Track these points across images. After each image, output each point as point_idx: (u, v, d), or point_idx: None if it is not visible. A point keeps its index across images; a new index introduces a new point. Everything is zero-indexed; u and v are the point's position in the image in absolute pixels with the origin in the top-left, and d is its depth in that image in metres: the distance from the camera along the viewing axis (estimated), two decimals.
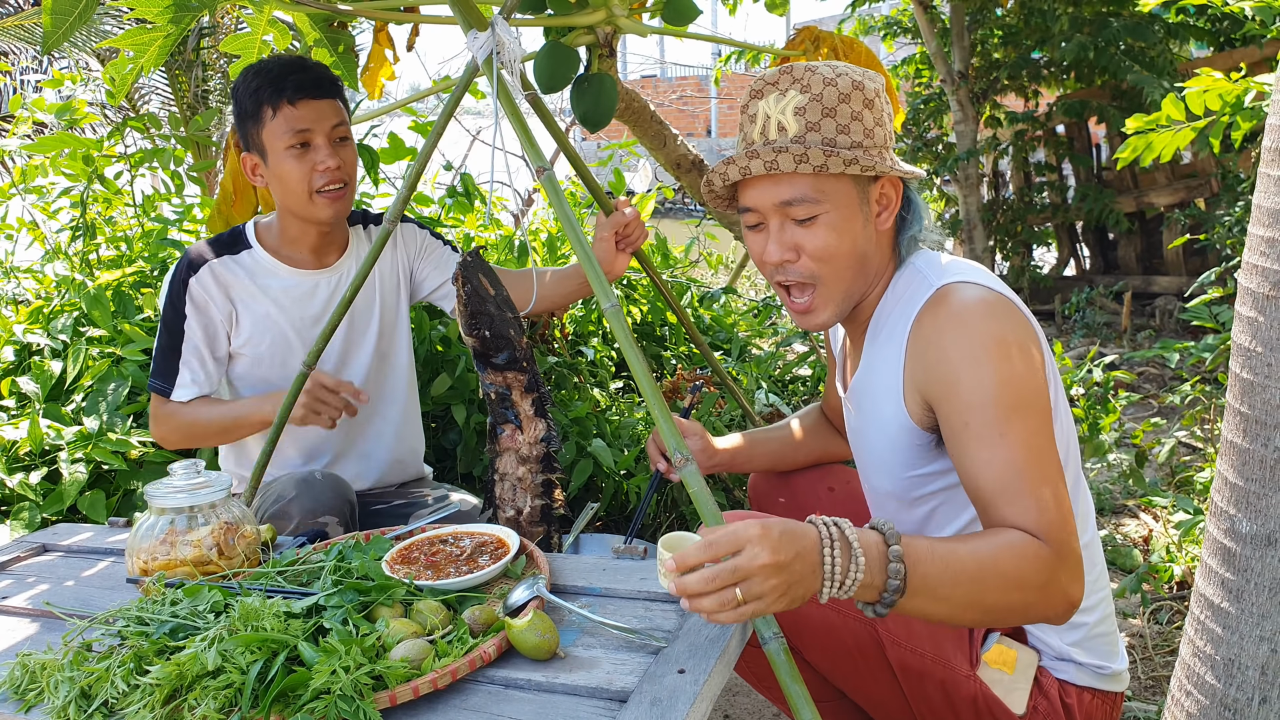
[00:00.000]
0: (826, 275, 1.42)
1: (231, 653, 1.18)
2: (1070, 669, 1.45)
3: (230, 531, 1.51)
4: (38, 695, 1.24)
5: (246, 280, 2.05)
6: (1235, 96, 2.56)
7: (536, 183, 5.52)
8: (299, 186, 1.97)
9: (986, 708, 1.40)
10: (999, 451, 1.26)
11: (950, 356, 1.33)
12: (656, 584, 1.43)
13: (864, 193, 1.41)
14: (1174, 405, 3.70)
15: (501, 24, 1.67)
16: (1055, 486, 1.24)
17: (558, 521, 1.79)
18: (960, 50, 5.69)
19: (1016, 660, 1.42)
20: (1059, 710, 1.42)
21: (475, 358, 1.74)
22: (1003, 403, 1.28)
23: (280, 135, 1.95)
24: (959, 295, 1.37)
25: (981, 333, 1.32)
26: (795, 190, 1.37)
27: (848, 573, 1.10)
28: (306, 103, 1.95)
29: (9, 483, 2.23)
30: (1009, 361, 1.30)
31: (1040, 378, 1.32)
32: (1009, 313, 1.36)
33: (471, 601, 1.37)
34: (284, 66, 1.96)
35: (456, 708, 1.18)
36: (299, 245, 2.08)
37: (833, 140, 1.37)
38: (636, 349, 1.44)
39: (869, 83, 1.40)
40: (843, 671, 1.46)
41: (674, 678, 1.18)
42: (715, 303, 3.89)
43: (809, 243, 1.40)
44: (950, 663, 1.41)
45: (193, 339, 2.01)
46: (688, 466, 1.37)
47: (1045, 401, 1.31)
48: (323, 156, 1.96)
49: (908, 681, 1.42)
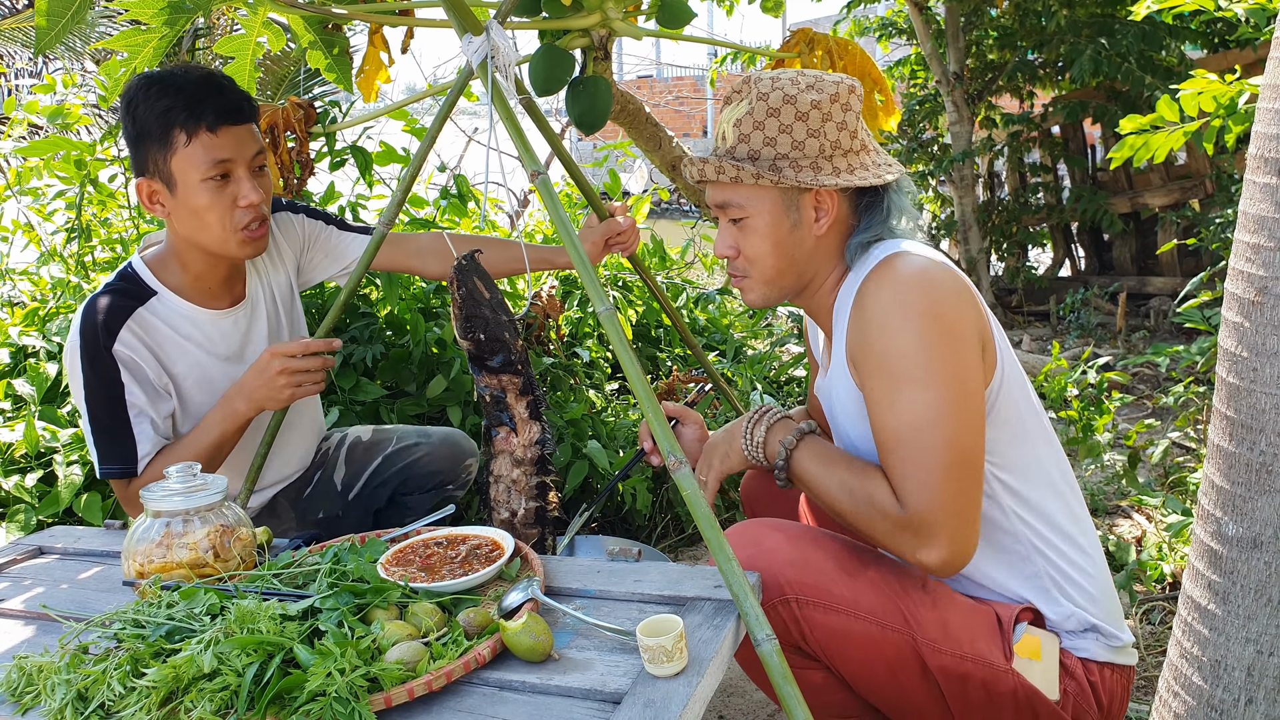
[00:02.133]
0: (754, 271, 1.55)
1: (227, 655, 1.18)
2: (1089, 643, 1.50)
3: (226, 534, 1.52)
4: (34, 698, 1.25)
5: (168, 331, 1.87)
6: (1229, 99, 2.57)
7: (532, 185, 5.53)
8: (217, 224, 1.79)
9: (1026, 700, 1.44)
10: (887, 418, 1.39)
11: (869, 319, 1.42)
12: (651, 586, 1.43)
13: (792, 200, 1.50)
14: (1167, 406, 3.72)
15: (496, 28, 1.68)
16: (934, 464, 1.34)
17: (552, 524, 1.80)
18: (955, 51, 5.71)
19: (1041, 646, 1.47)
20: (1086, 689, 1.48)
21: (470, 360, 1.75)
22: (900, 372, 1.37)
23: (197, 165, 1.75)
24: (898, 263, 1.45)
25: (903, 301, 1.40)
26: (724, 195, 1.52)
27: (753, 437, 1.54)
28: (229, 130, 1.76)
29: (4, 485, 2.24)
30: (922, 334, 1.37)
31: (960, 359, 1.37)
32: (943, 287, 1.41)
33: (466, 604, 1.37)
34: (199, 85, 1.75)
35: (451, 710, 1.19)
36: (206, 279, 1.90)
37: (757, 153, 1.48)
38: (631, 352, 1.45)
39: (809, 94, 1.45)
40: (882, 685, 1.45)
41: (667, 679, 1.19)
42: (710, 304, 3.89)
43: (741, 242, 1.54)
44: (989, 660, 1.44)
45: (136, 405, 1.82)
46: (681, 470, 1.38)
47: (957, 382, 1.36)
48: (246, 190, 1.78)
49: (950, 686, 1.43)
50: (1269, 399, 1.03)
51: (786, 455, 1.51)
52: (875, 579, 1.44)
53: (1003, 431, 1.47)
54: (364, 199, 3.23)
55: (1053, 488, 1.52)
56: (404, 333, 2.98)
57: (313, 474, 2.22)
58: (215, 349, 1.94)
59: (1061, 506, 1.52)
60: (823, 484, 1.47)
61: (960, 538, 1.36)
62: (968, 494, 1.37)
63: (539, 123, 2.12)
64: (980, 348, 1.42)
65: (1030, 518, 1.50)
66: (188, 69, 1.80)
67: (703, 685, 1.20)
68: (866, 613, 1.41)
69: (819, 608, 1.40)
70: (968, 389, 1.37)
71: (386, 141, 3.02)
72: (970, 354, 1.40)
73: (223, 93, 1.77)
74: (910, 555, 1.37)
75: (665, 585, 1.43)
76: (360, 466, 2.21)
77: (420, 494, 2.21)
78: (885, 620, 1.42)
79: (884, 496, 1.39)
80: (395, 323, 3.00)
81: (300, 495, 2.21)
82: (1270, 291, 1.01)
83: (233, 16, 5.17)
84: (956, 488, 1.35)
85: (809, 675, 1.45)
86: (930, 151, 6.38)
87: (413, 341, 2.90)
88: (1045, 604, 1.51)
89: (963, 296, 1.43)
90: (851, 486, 1.43)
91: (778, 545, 1.43)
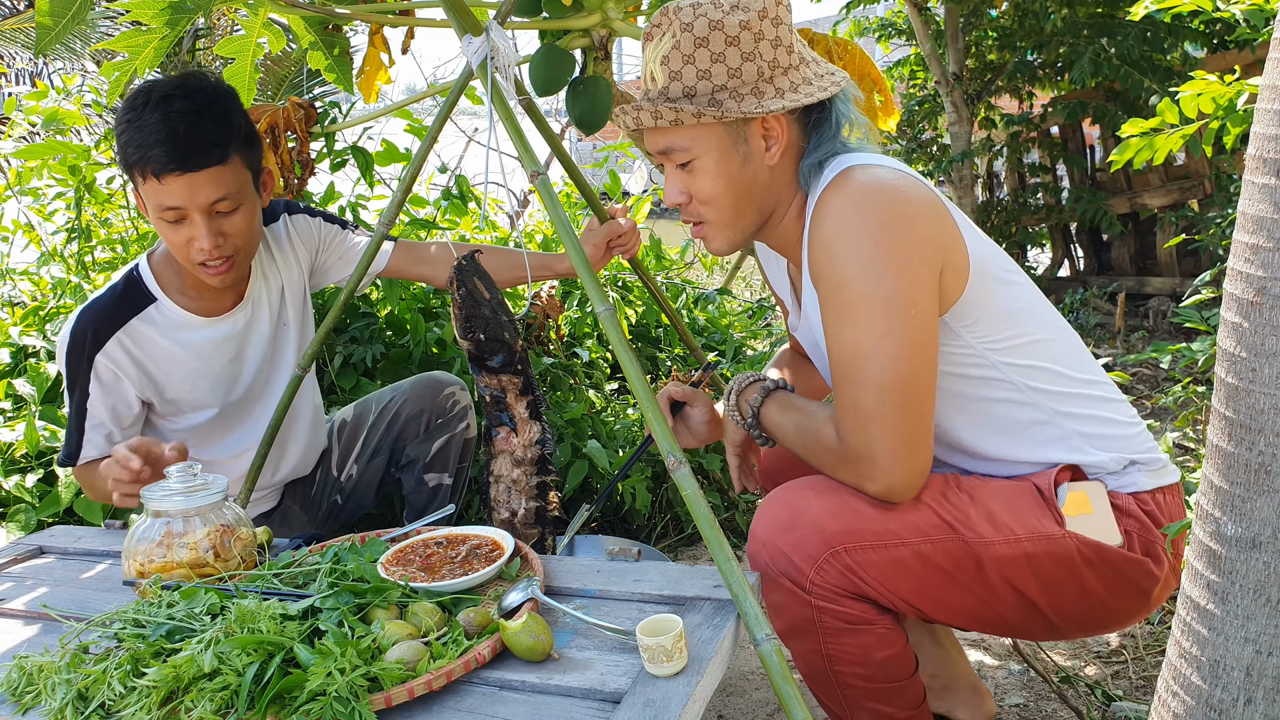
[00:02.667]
0: (710, 215, 1.48)
1: (228, 655, 1.19)
2: (1135, 476, 1.48)
3: (226, 534, 1.52)
4: (35, 697, 1.25)
5: (161, 340, 1.89)
6: (1228, 100, 2.57)
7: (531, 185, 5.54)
8: (178, 253, 1.79)
9: (1094, 555, 1.42)
10: (832, 350, 1.38)
11: (820, 245, 1.37)
12: (650, 585, 1.44)
13: (739, 133, 1.42)
14: (1166, 407, 3.72)
15: (496, 29, 1.68)
16: (867, 398, 1.33)
17: (552, 524, 1.80)
18: (954, 52, 5.71)
19: (1089, 498, 1.45)
20: (1145, 521, 1.46)
21: (470, 361, 1.75)
22: (844, 301, 1.35)
23: (151, 204, 1.74)
24: (849, 180, 1.39)
25: (849, 223, 1.35)
26: (666, 140, 1.44)
27: (731, 404, 1.58)
28: (175, 178, 1.69)
29: (5, 485, 2.24)
30: (867, 259, 1.33)
31: (908, 284, 1.33)
32: (892, 203, 1.36)
33: (466, 603, 1.38)
34: (158, 124, 1.67)
35: (451, 709, 1.19)
36: (204, 288, 1.91)
37: (693, 88, 1.39)
38: (631, 352, 1.45)
39: (735, 15, 1.37)
40: (955, 601, 1.43)
41: (667, 679, 1.19)
42: (710, 304, 3.90)
43: (692, 186, 1.46)
44: (1042, 531, 1.42)
45: (96, 415, 1.86)
46: (680, 469, 1.39)
47: (899, 310, 1.33)
48: (199, 235, 1.74)
49: (1017, 573, 1.41)
50: (1268, 399, 1.03)
51: (754, 413, 1.53)
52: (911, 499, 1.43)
53: (997, 319, 1.45)
54: (364, 199, 3.23)
55: (1058, 345, 1.50)
56: (404, 333, 2.99)
57: (316, 469, 2.23)
58: (209, 357, 1.95)
59: (1070, 360, 1.50)
60: (782, 430, 1.50)
61: (901, 467, 1.35)
62: (906, 424, 1.34)
63: (539, 123, 2.13)
64: (940, 263, 1.37)
65: (1045, 383, 1.48)
66: (165, 97, 1.71)
67: (702, 685, 1.20)
68: (912, 536, 1.39)
69: (867, 549, 1.38)
70: (911, 315, 1.33)
71: (388, 140, 3.02)
72: (921, 275, 1.35)
73: (175, 138, 1.67)
74: (855, 485, 1.40)
75: (665, 585, 1.43)
76: (349, 443, 2.22)
77: (416, 441, 2.19)
78: (931, 534, 1.40)
79: (828, 432, 1.41)
80: (395, 323, 3.01)
81: (309, 495, 2.22)
82: (1269, 292, 1.02)
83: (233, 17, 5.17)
84: (892, 419, 1.33)
85: (860, 640, 1.41)
86: (929, 152, 6.38)
87: (413, 342, 2.90)
88: (1081, 458, 1.49)
89: (915, 208, 1.37)
90: (803, 426, 1.46)
91: (812, 502, 1.41)
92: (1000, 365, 1.46)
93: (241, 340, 2.00)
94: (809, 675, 1.46)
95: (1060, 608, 1.46)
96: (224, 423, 2.03)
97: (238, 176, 1.77)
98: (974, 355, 1.46)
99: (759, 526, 1.43)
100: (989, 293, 1.44)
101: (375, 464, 2.21)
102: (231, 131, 1.75)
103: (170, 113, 1.68)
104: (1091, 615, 1.49)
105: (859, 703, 1.44)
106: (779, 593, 1.40)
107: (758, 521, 1.44)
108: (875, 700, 1.44)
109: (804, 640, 1.41)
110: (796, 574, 1.38)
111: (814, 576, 1.37)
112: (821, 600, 1.37)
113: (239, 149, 1.77)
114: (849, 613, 1.38)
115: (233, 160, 1.75)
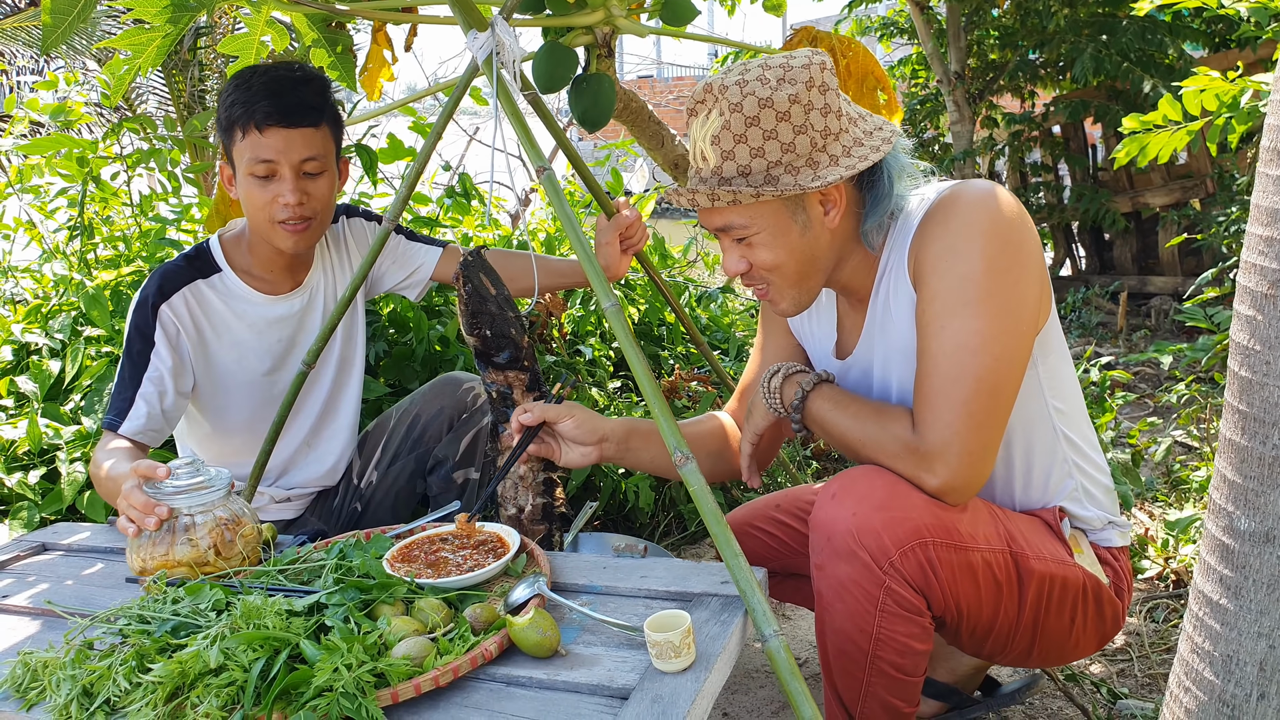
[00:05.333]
0: (775, 280, 1.49)
1: (234, 650, 1.18)
2: (1110, 534, 1.60)
3: (229, 529, 1.51)
4: (39, 693, 1.24)
5: (220, 307, 1.98)
6: (1231, 96, 2.56)
7: (535, 182, 5.54)
8: (259, 215, 1.89)
9: (1093, 589, 1.53)
10: (931, 343, 1.37)
11: (951, 232, 1.39)
12: (657, 581, 1.43)
13: (796, 203, 1.43)
14: (1169, 405, 3.71)
15: (501, 24, 1.67)
16: (961, 396, 1.34)
17: (559, 519, 1.79)
18: (956, 51, 5.71)
19: (1081, 542, 1.58)
20: (1117, 571, 1.59)
21: (476, 357, 1.74)
22: (958, 296, 1.36)
23: (245, 160, 1.86)
24: (968, 188, 1.43)
25: (985, 219, 1.38)
26: (723, 219, 1.44)
27: (770, 385, 1.52)
28: (275, 131, 1.83)
29: (8, 482, 2.23)
30: (991, 259, 1.36)
31: (1019, 291, 1.37)
32: (1012, 210, 1.40)
33: (472, 600, 1.37)
34: (265, 85, 1.84)
35: (459, 705, 1.18)
36: (270, 267, 2.01)
37: (747, 167, 1.39)
38: (637, 348, 1.44)
39: (784, 90, 1.36)
40: (990, 612, 1.47)
41: (675, 675, 1.19)
42: (713, 302, 3.89)
43: (752, 257, 1.47)
44: (1063, 558, 1.51)
45: (158, 370, 1.90)
46: (687, 465, 1.38)
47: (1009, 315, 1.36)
48: (284, 191, 1.86)
49: (1041, 591, 1.47)
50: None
51: (803, 396, 1.49)
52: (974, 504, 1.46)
53: (1058, 359, 1.52)
54: (366, 196, 3.22)
55: (1079, 401, 1.58)
56: (407, 330, 2.98)
57: (339, 484, 2.24)
58: (261, 332, 2.01)
59: (1083, 418, 1.58)
60: (832, 418, 1.47)
61: (969, 471, 1.37)
62: (986, 429, 1.36)
63: (545, 119, 2.12)
64: (1041, 280, 1.42)
65: (1074, 434, 1.56)
66: (273, 68, 1.88)
67: (710, 681, 1.19)
68: (984, 544, 1.43)
69: (950, 547, 1.39)
70: (1018, 325, 1.37)
71: (394, 136, 3.01)
72: (1030, 286, 1.39)
73: (281, 95, 1.82)
74: (909, 474, 1.39)
75: (672, 581, 1.43)
76: (370, 451, 2.22)
77: (443, 442, 2.17)
78: (995, 545, 1.44)
79: (900, 421, 1.40)
80: (398, 320, 3.00)
81: (330, 506, 2.21)
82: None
83: (235, 15, 5.17)
84: (978, 420, 1.35)
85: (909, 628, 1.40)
86: (931, 151, 6.38)
87: (416, 339, 2.89)
88: (1079, 510, 1.58)
89: (1029, 223, 1.41)
90: (864, 416, 1.44)
91: (906, 488, 1.39)
92: (1050, 404, 1.52)
93: (296, 324, 2.05)
94: (839, 655, 1.44)
95: (1050, 633, 1.53)
96: (262, 413, 2.04)
97: (326, 144, 1.90)
98: (1035, 387, 1.51)
99: (847, 496, 1.40)
100: (1056, 331, 1.51)
101: (395, 469, 2.19)
102: (326, 102, 1.91)
103: (277, 77, 1.85)
104: (1062, 646, 1.57)
105: (876, 693, 1.44)
106: (851, 564, 1.37)
107: (844, 490, 1.40)
108: (892, 693, 1.44)
109: (857, 618, 1.39)
110: (880, 551, 1.36)
111: (897, 559, 1.36)
112: (894, 583, 1.37)
113: (329, 121, 1.91)
114: (911, 600, 1.38)
115: (324, 128, 1.89)
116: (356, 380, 2.19)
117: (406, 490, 2.22)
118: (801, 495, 1.86)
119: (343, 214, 2.18)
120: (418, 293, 2.27)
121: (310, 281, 2.07)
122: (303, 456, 2.14)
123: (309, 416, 2.12)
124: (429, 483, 2.20)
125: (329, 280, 2.11)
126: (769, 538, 1.82)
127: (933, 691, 1.82)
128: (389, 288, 2.25)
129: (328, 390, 2.13)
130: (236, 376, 2.01)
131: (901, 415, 1.42)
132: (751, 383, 1.83)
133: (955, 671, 1.83)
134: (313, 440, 2.14)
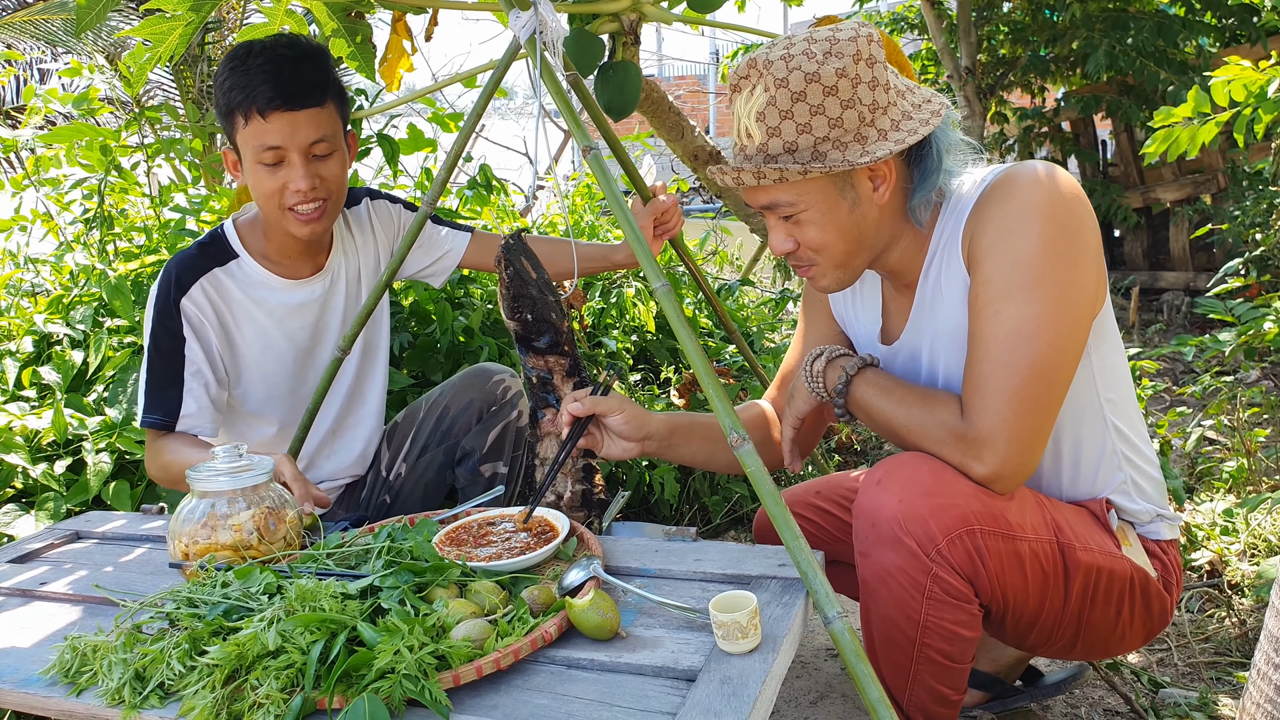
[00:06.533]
0: (822, 260, 1.47)
1: (290, 633, 1.16)
2: (1159, 526, 1.57)
3: (271, 515, 1.49)
4: (90, 678, 1.22)
5: (239, 294, 1.92)
6: (1259, 86, 2.54)
7: (548, 175, 5.52)
8: (268, 202, 1.82)
9: (1140, 582, 1.50)
10: (984, 328, 1.35)
11: (1009, 212, 1.36)
12: (712, 565, 1.41)
13: (845, 180, 1.40)
14: (1193, 397, 3.70)
15: (544, 3, 1.65)
16: (1013, 382, 1.32)
17: (598, 506, 1.77)
18: (967, 46, 5.69)
19: (1129, 534, 1.54)
20: (1166, 565, 1.56)
21: (517, 341, 1.72)
22: (1014, 279, 1.33)
23: (250, 146, 1.78)
24: (1025, 168, 1.40)
25: (1044, 200, 1.35)
26: (770, 196, 1.42)
27: (813, 369, 1.51)
28: (279, 115, 1.75)
29: (33, 472, 2.20)
30: (1049, 240, 1.34)
31: (1075, 275, 1.34)
32: (1072, 191, 1.37)
33: (525, 583, 1.35)
34: (262, 66, 1.75)
35: (520, 688, 1.16)
36: (287, 251, 1.95)
37: (794, 143, 1.35)
38: (688, 328, 1.42)
39: (831, 64, 1.32)
40: (1036, 604, 1.45)
41: (742, 656, 1.17)
42: (730, 295, 3.87)
43: (800, 235, 1.44)
44: (1111, 550, 1.48)
45: (195, 362, 1.87)
46: (744, 446, 1.36)
47: (1065, 300, 1.34)
48: (295, 176, 1.78)
49: (1087, 582, 1.45)
50: None
51: (847, 380, 1.47)
52: (1021, 493, 1.44)
53: (1112, 348, 1.49)
54: (386, 187, 3.20)
55: (1130, 392, 1.55)
56: (429, 321, 2.96)
57: (366, 474, 2.21)
58: (283, 320, 1.96)
59: (1134, 410, 1.55)
60: (878, 404, 1.44)
61: (1018, 459, 1.34)
62: (1037, 415, 1.34)
63: (584, 100, 2.09)
64: (1099, 265, 1.39)
65: (1124, 428, 1.53)
66: (269, 45, 1.78)
67: (778, 663, 1.17)
68: (1032, 533, 1.41)
69: (998, 536, 1.37)
70: (1074, 311, 1.35)
71: (414, 126, 2.99)
72: (1089, 270, 1.36)
73: (280, 76, 1.74)
74: (956, 461, 1.37)
75: (728, 564, 1.41)
76: (399, 443, 2.19)
77: (472, 434, 2.13)
78: (1042, 535, 1.42)
79: (949, 407, 1.38)
80: (420, 312, 2.98)
81: (357, 499, 2.19)
82: None
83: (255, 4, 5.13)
84: (1029, 406, 1.33)
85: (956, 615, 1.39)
86: None
87: (439, 330, 2.87)
88: (1126, 504, 1.55)
89: (1087, 205, 1.38)
90: (910, 401, 1.42)
91: (953, 475, 1.37)
92: (1101, 395, 1.50)
93: (319, 310, 2.00)
94: (885, 642, 1.42)
95: (1095, 625, 1.51)
96: (290, 403, 2.02)
97: (333, 123, 1.82)
98: (1088, 377, 1.48)
99: (893, 482, 1.37)
100: (1110, 319, 1.48)
101: (424, 461, 2.16)
102: (329, 78, 1.82)
103: (275, 57, 1.76)
104: (1107, 639, 1.55)
105: (923, 679, 1.42)
106: (897, 551, 1.35)
107: (889, 476, 1.38)
108: (940, 680, 1.42)
109: (904, 606, 1.38)
110: (926, 539, 1.34)
111: (944, 546, 1.34)
112: (941, 570, 1.35)
113: (334, 97, 1.83)
114: (958, 588, 1.36)
115: (329, 106, 1.81)
116: (382, 365, 2.16)
117: (436, 482, 2.18)
118: (842, 481, 1.84)
119: (365, 196, 2.14)
120: (442, 279, 2.24)
121: (331, 265, 2.02)
122: (330, 445, 2.12)
123: (335, 403, 2.09)
124: (456, 474, 2.18)
125: (350, 264, 2.06)
126: (809, 524, 1.80)
127: (975, 681, 1.80)
128: (412, 274, 2.22)
129: (353, 376, 2.10)
130: (262, 367, 1.98)
131: (949, 401, 1.40)
132: (792, 369, 1.80)
133: (998, 661, 1.81)
134: (339, 428, 2.12)
